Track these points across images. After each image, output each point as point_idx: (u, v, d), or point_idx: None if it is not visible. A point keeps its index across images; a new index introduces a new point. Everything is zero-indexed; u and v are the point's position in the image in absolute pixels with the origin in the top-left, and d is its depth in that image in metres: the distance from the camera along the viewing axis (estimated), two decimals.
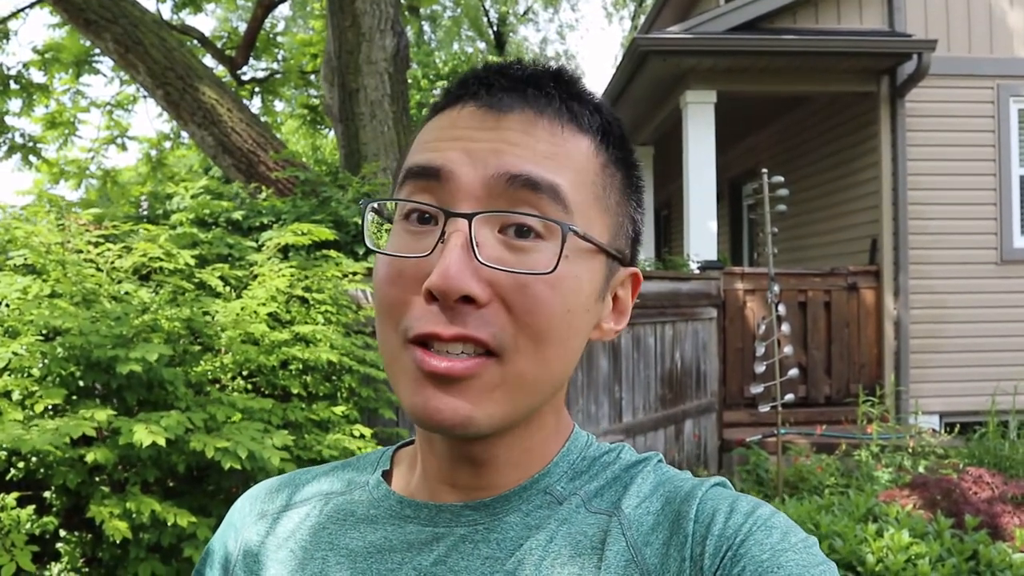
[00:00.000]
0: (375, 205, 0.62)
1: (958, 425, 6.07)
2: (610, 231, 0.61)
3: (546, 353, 0.57)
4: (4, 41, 8.66)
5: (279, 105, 12.03)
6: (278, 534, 0.67)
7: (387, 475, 0.69)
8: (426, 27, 21.11)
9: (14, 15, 8.38)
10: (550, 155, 0.58)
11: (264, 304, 2.85)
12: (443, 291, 0.54)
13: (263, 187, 5.21)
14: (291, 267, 3.10)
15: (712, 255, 6.32)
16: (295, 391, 2.78)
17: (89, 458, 2.12)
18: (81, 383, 2.43)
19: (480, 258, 0.55)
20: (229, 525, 0.71)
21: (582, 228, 0.57)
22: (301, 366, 2.84)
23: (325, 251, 3.47)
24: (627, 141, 0.64)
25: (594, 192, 0.60)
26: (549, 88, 0.60)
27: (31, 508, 2.33)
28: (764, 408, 4.45)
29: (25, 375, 2.38)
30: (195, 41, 9.11)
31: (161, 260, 2.96)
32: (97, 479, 2.34)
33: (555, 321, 0.57)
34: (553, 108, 0.59)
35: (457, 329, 0.54)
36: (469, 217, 0.55)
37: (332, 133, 11.75)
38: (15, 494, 2.31)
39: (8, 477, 2.33)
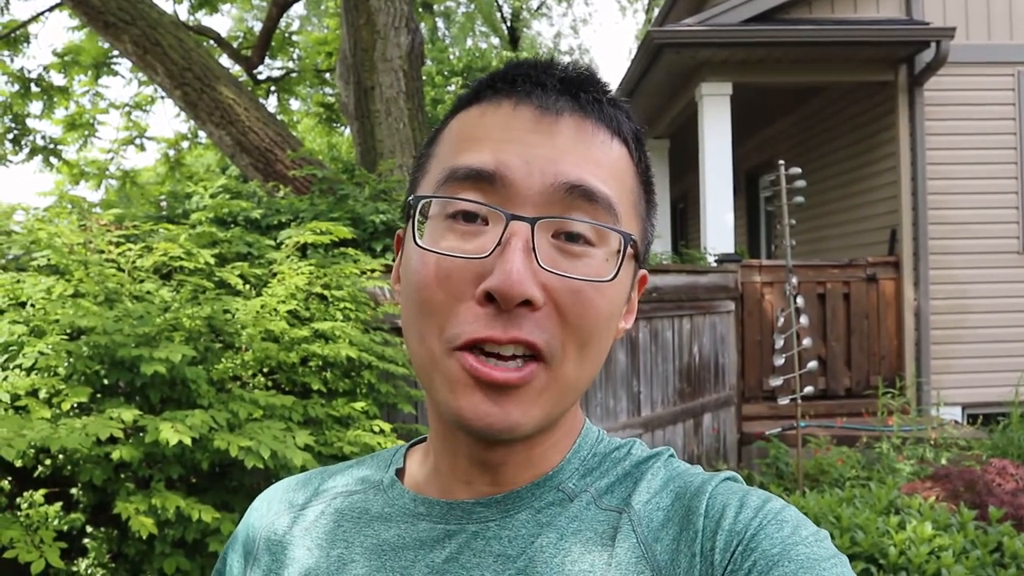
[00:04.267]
0: (423, 201, 0.59)
1: (981, 416, 6.00)
2: (640, 236, 0.62)
3: (588, 356, 0.58)
4: (25, 44, 8.76)
5: (295, 104, 12.12)
6: (300, 527, 0.68)
7: (400, 473, 0.69)
8: (440, 23, 21.11)
9: (34, 19, 8.47)
10: (601, 163, 0.58)
11: (284, 302, 2.87)
12: (506, 295, 0.53)
13: (281, 186, 5.25)
14: (310, 265, 3.11)
15: (729, 248, 6.28)
16: (315, 387, 2.80)
17: (115, 456, 2.15)
18: (106, 381, 2.46)
19: (541, 262, 0.55)
20: (254, 510, 0.73)
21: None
22: (321, 362, 2.86)
23: (343, 248, 3.49)
24: (645, 145, 0.65)
25: (632, 199, 0.61)
26: (596, 93, 0.60)
27: (58, 505, 2.36)
28: (783, 401, 4.43)
29: (51, 374, 2.41)
30: (211, 41, 9.19)
31: (181, 259, 2.99)
32: (122, 476, 2.37)
33: (600, 325, 0.58)
34: (600, 114, 0.59)
35: (514, 333, 0.54)
36: (532, 222, 0.55)
37: (348, 131, 11.80)
38: (43, 491, 2.35)
39: (36, 474, 2.37)
